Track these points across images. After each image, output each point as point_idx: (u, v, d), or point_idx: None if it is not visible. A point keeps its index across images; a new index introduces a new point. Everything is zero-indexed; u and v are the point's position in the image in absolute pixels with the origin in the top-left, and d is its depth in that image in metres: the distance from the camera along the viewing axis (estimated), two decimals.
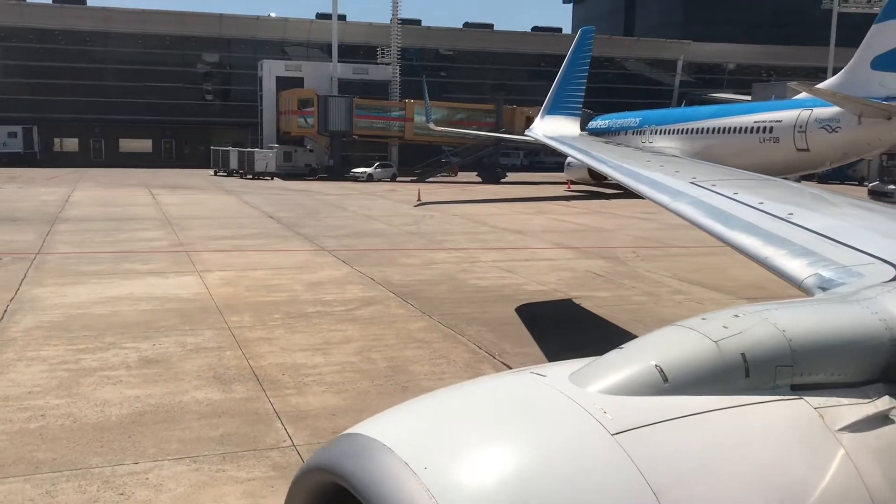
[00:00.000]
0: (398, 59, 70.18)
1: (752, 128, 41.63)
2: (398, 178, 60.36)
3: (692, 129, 47.69)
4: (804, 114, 38.20)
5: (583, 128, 62.67)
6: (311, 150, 64.81)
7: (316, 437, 8.19)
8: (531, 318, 13.88)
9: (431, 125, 56.70)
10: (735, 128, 43.32)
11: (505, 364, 11.11)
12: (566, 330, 13.23)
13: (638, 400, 2.19)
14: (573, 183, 53.57)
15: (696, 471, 2.07)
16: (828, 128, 36.28)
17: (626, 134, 54.59)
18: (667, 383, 2.25)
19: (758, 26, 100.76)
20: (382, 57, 72.52)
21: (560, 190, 51.60)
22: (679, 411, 2.18)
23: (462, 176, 66.23)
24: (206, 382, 10.03)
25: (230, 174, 62.15)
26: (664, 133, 50.19)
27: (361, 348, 11.74)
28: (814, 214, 5.09)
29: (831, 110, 36.33)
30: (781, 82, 67.18)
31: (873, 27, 34.42)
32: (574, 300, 15.54)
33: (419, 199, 39.25)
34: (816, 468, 2.21)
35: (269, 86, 69.93)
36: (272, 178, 58.88)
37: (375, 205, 37.69)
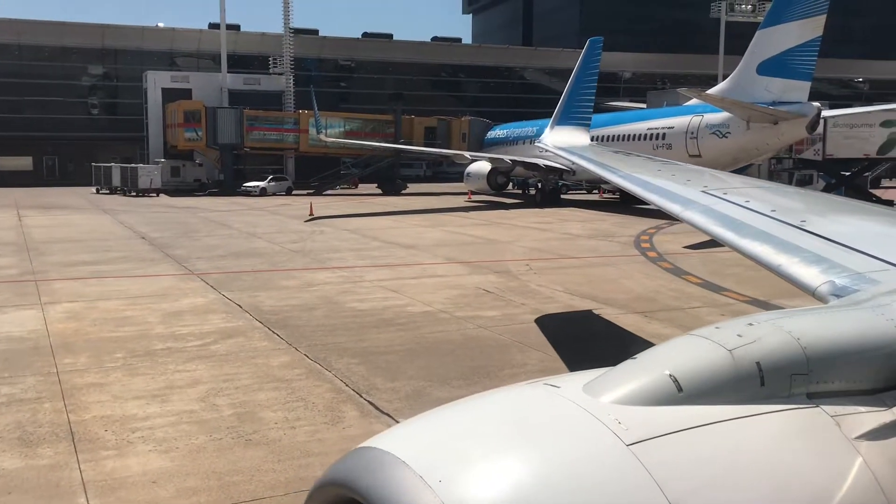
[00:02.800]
0: (292, 68, 68.02)
1: (646, 135, 41.82)
2: (294, 192, 58.22)
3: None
4: (695, 120, 38.53)
5: (482, 139, 62.56)
6: (200, 165, 61.96)
7: None
8: (407, 345, 12.62)
9: (322, 136, 54.93)
10: (629, 135, 43.45)
11: (371, 403, 9.81)
12: (445, 356, 12.01)
13: (653, 410, 2.21)
14: (474, 193, 52.89)
15: (713, 481, 2.06)
16: (718, 133, 36.61)
17: (523, 143, 54.36)
18: (681, 393, 2.26)
19: (651, 36, 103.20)
20: (275, 67, 70.23)
21: (461, 201, 50.77)
22: (694, 421, 2.19)
23: (363, 188, 64.69)
24: (7, 446, 8.34)
25: (113, 192, 58.72)
26: None
27: (207, 392, 10.21)
28: (826, 221, 5.05)
29: (721, 116, 36.69)
30: (674, 89, 68.63)
31: (757, 33, 34.93)
32: (462, 321, 14.37)
33: (311, 214, 37.59)
34: (834, 477, 2.19)
35: (154, 98, 66.64)
36: (157, 195, 55.86)
37: (262, 221, 35.80)
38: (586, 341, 13.94)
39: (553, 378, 2.41)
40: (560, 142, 15.10)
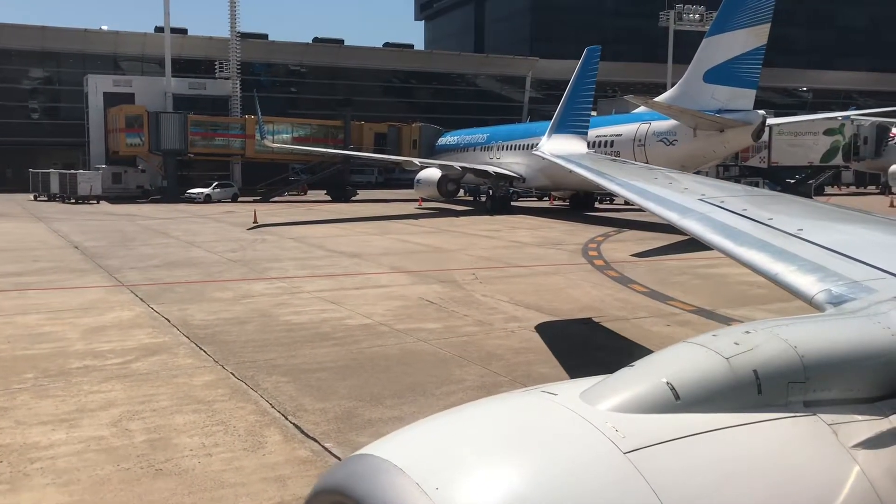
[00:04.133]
0: (238, 73, 66.71)
1: (594, 142, 41.67)
2: (240, 199, 56.95)
3: (536, 144, 47.50)
4: (643, 127, 38.56)
5: (433, 145, 62.08)
6: (143, 171, 60.33)
7: None
8: (341, 360, 12.02)
9: (266, 142, 53.84)
10: None
11: (297, 426, 9.20)
12: (380, 373, 11.43)
13: (650, 418, 2.21)
14: (424, 200, 52.38)
15: (710, 489, 2.07)
16: (665, 141, 36.66)
17: (474, 150, 54.04)
18: (678, 401, 2.27)
19: (602, 44, 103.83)
20: (221, 71, 68.81)
21: (411, 207, 50.20)
22: (691, 429, 2.19)
23: (312, 195, 63.68)
24: None
25: (52, 199, 56.78)
26: (510, 149, 49.90)
27: (121, 416, 9.48)
28: (823, 230, 5.04)
29: (668, 123, 36.76)
30: (623, 97, 69.06)
31: (704, 41, 35.09)
32: (401, 334, 13.81)
33: (255, 221, 36.65)
34: (831, 486, 2.20)
35: (95, 102, 64.75)
36: (98, 202, 54.12)
37: (204, 229, 34.76)
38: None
39: (550, 385, 2.41)
40: (557, 150, 15.02)
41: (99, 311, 15.81)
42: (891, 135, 61.69)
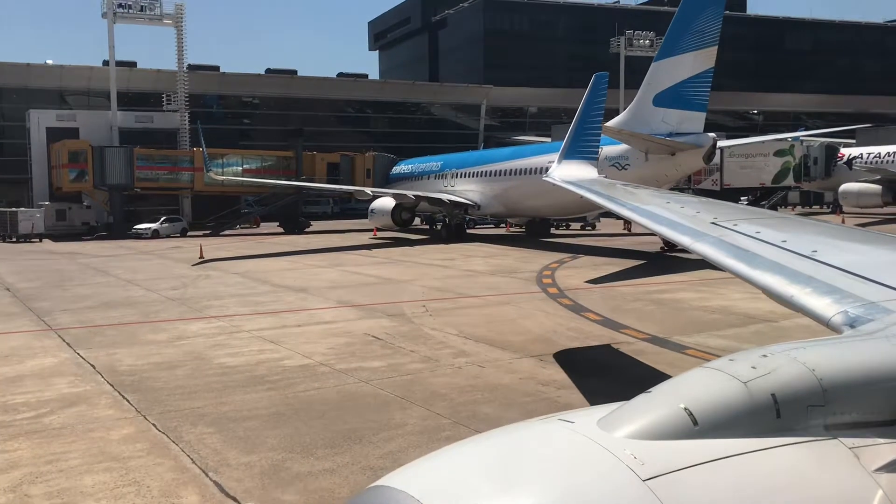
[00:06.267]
0: (187, 105, 65.52)
1: (547, 167, 41.47)
2: (190, 234, 55.53)
3: (490, 171, 47.23)
4: None
5: (388, 174, 61.46)
6: (88, 207, 58.48)
7: None
8: (274, 406, 11.22)
9: (212, 174, 52.69)
10: (530, 169, 43.10)
11: (217, 484, 8.38)
12: (315, 419, 10.64)
13: (668, 444, 2.19)
14: (379, 230, 51.68)
15: None
16: (618, 165, 36.52)
17: (428, 178, 53.59)
18: (696, 426, 2.25)
19: (555, 70, 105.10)
20: (169, 103, 67.56)
21: (366, 238, 49.42)
22: (710, 455, 2.17)
23: (265, 227, 62.52)
24: None
25: None
26: (464, 176, 49.51)
27: (22, 479, 8.58)
28: (838, 251, 5.01)
29: (620, 148, 36.66)
30: None
31: (652, 65, 35.14)
32: (342, 374, 13.05)
33: (201, 256, 35.54)
34: None
35: (38, 137, 62.92)
36: (40, 240, 52.32)
37: (147, 266, 33.53)
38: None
39: (567, 413, 2.40)
40: (568, 176, 15.00)
41: (19, 359, 14.78)
42: (839, 155, 62.74)
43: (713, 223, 6.49)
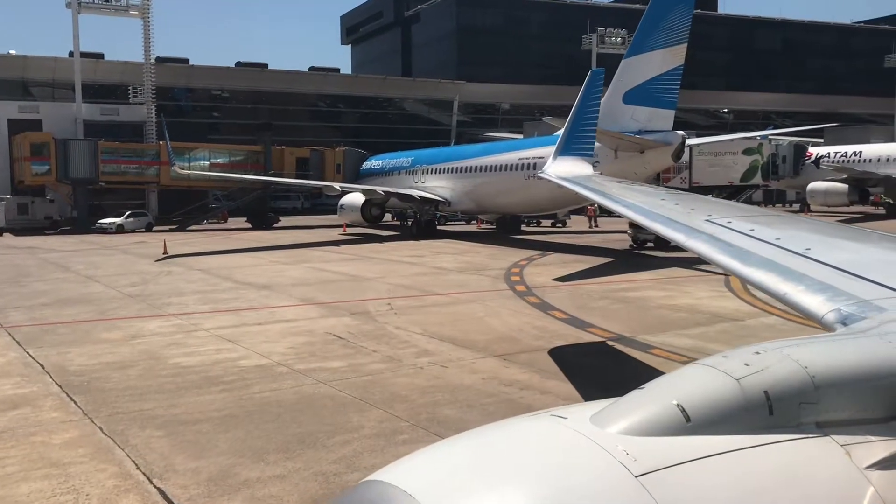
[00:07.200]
0: (153, 98, 64.40)
1: (517, 165, 41.34)
2: (156, 228, 54.57)
3: (461, 167, 46.95)
4: None
5: (358, 169, 60.92)
6: (51, 201, 57.28)
7: None
8: (227, 409, 10.85)
9: (176, 168, 51.80)
10: (501, 165, 42.91)
11: (161, 492, 8.03)
12: (269, 422, 10.29)
13: (660, 440, 2.20)
14: (349, 226, 51.21)
15: None
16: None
17: (399, 174, 53.16)
18: (689, 423, 2.25)
19: (528, 67, 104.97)
20: (135, 96, 66.35)
21: (335, 234, 48.94)
22: (703, 451, 2.18)
23: (233, 222, 61.67)
24: None
25: None
26: (435, 172, 49.17)
27: None
28: (831, 249, 5.05)
29: None
30: (545, 119, 69.44)
31: (622, 62, 35.06)
32: (300, 375, 12.69)
33: (164, 252, 34.88)
34: None
35: None
36: (1, 235, 51.23)
37: (108, 261, 32.78)
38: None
39: (560, 409, 2.41)
40: (562, 172, 14.96)
41: None
42: (808, 154, 63.29)
43: (707, 220, 6.54)
